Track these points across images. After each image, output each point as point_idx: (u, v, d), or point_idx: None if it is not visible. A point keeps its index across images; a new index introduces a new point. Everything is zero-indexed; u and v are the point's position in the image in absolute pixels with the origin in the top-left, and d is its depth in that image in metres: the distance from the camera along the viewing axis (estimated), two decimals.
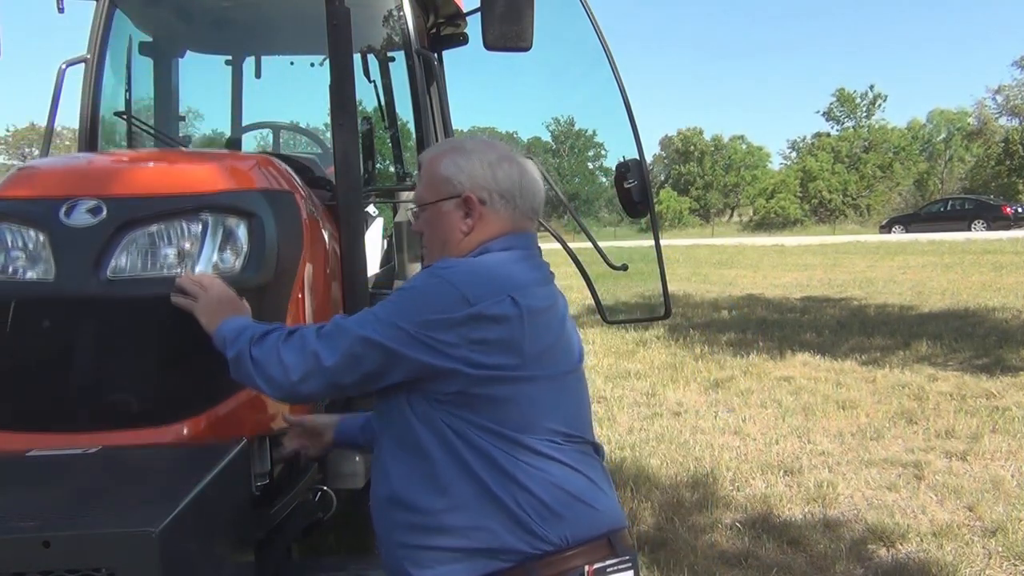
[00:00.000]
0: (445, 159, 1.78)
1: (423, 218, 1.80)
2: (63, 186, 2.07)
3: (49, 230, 1.98)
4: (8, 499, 1.65)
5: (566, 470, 1.63)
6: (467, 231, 1.75)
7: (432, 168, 1.79)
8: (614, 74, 3.71)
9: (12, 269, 2.02)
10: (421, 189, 1.81)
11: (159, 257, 2.03)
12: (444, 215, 1.76)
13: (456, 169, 1.75)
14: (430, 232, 1.80)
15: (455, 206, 1.75)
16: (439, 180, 1.77)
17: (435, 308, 1.58)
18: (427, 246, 1.81)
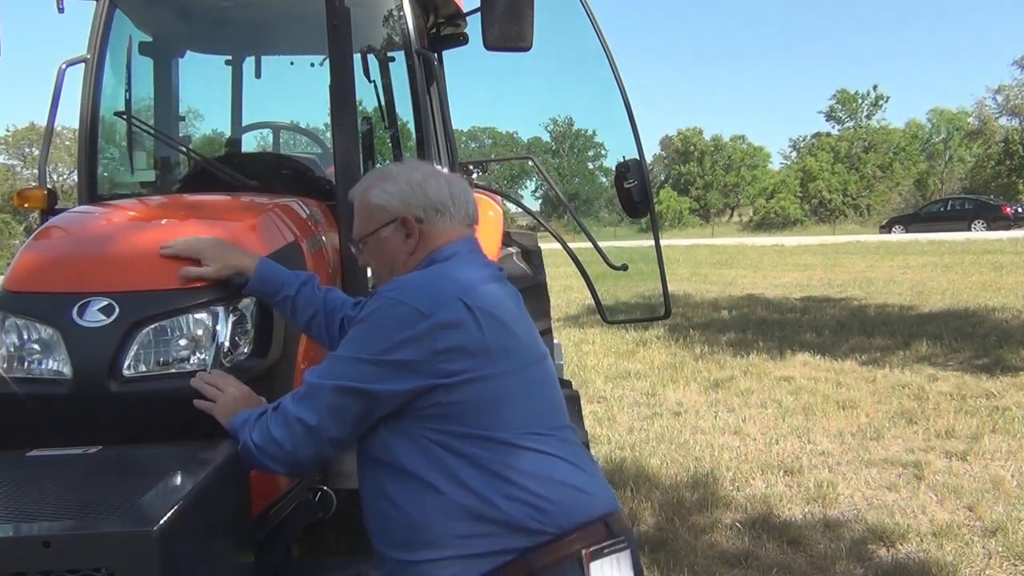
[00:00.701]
0: (374, 189, 1.83)
1: (367, 251, 1.86)
2: (73, 281, 2.08)
3: (62, 329, 2.00)
4: (8, 499, 1.65)
5: (553, 460, 1.65)
6: (410, 251, 1.81)
7: (364, 201, 1.85)
8: (614, 74, 3.72)
9: (28, 365, 2.04)
10: (357, 224, 1.86)
11: (172, 351, 2.05)
12: (385, 242, 1.82)
13: (387, 196, 1.81)
14: (376, 262, 1.85)
15: (393, 230, 1.81)
16: (373, 210, 1.82)
17: (394, 329, 1.60)
18: (376, 276, 1.85)
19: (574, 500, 1.63)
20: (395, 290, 1.66)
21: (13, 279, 2.14)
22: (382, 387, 1.60)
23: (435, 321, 1.58)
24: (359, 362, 1.62)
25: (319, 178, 3.49)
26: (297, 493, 2.40)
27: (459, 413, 1.60)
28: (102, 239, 2.29)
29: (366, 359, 1.61)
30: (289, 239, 2.48)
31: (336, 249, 2.78)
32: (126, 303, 2.02)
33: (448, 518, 1.60)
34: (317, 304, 2.11)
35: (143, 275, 2.10)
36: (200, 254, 2.08)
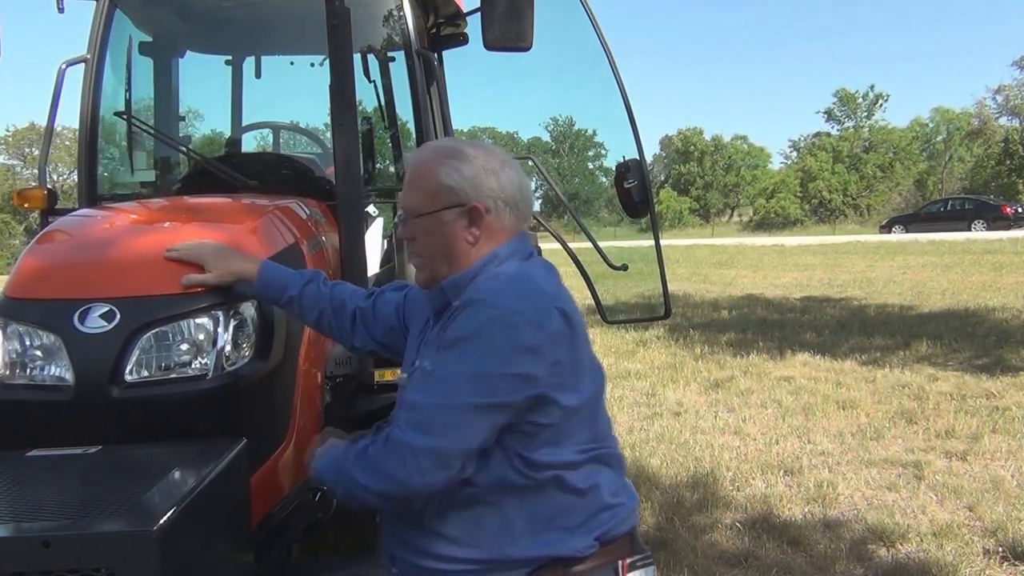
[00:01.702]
0: (444, 166, 1.67)
1: (419, 228, 1.69)
2: (74, 288, 2.08)
3: (63, 335, 2.00)
4: (8, 499, 1.65)
5: (607, 472, 1.66)
6: (473, 241, 1.67)
7: (429, 175, 1.68)
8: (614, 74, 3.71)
9: (30, 371, 2.05)
10: (414, 197, 1.69)
11: (174, 356, 2.06)
12: (445, 225, 1.66)
13: (459, 177, 1.65)
14: (428, 241, 1.68)
15: (457, 215, 1.66)
16: (440, 188, 1.66)
17: (513, 341, 1.51)
18: (423, 254, 1.70)
19: (617, 513, 1.64)
20: (499, 297, 1.56)
21: (14, 285, 2.15)
22: (512, 399, 1.51)
23: (547, 332, 1.52)
24: (484, 377, 1.51)
25: (319, 178, 3.49)
26: (297, 493, 2.40)
27: (543, 431, 1.55)
28: (102, 245, 2.29)
29: (491, 373, 1.51)
30: (290, 241, 2.48)
31: (336, 249, 2.78)
32: (127, 309, 2.03)
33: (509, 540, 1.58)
34: (324, 301, 2.04)
35: (143, 280, 2.10)
36: (202, 260, 2.07)
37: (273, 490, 2.23)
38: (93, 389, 1.98)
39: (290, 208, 2.71)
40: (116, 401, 1.99)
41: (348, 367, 2.72)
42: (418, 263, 1.72)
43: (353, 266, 2.65)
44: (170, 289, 2.09)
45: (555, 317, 1.54)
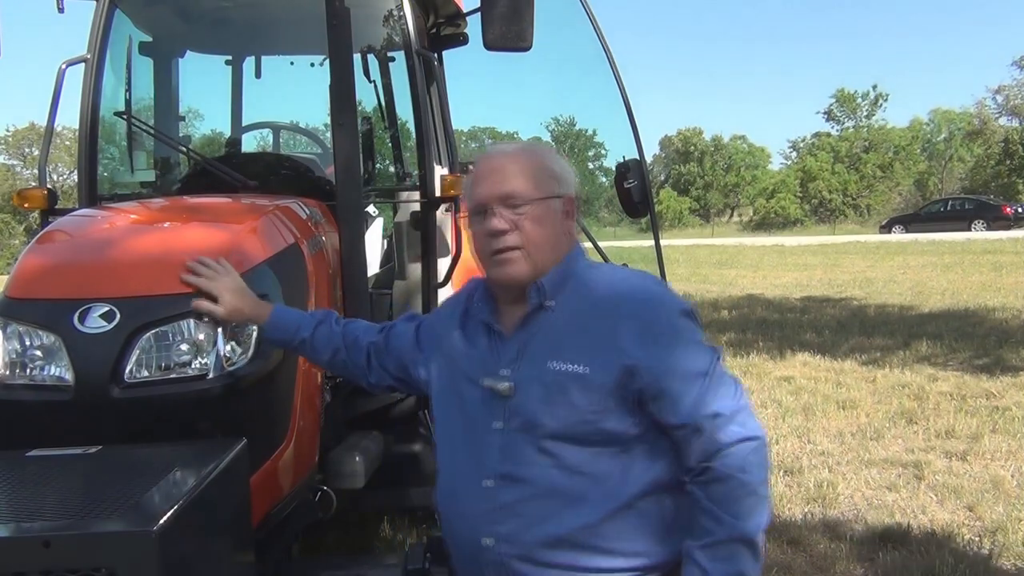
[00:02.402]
0: (552, 157, 1.70)
1: (527, 214, 1.61)
2: (74, 288, 2.09)
3: (63, 335, 2.01)
4: (8, 499, 1.65)
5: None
6: (568, 232, 1.68)
7: (540, 163, 1.66)
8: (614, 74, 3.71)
9: (30, 371, 2.05)
10: (523, 184, 1.62)
11: (174, 356, 2.06)
12: (552, 213, 1.64)
13: (564, 169, 1.68)
14: (536, 229, 1.61)
15: (561, 206, 1.65)
16: (552, 177, 1.65)
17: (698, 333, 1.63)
18: (527, 244, 1.62)
19: None
20: (669, 296, 1.64)
21: (14, 285, 2.15)
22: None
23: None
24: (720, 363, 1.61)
25: (319, 178, 3.49)
26: (297, 493, 2.40)
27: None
28: (102, 245, 2.29)
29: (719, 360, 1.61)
30: (290, 241, 2.48)
31: (336, 249, 2.78)
32: (127, 309, 2.03)
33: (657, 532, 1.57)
34: (337, 340, 1.99)
35: (143, 281, 2.10)
36: (217, 293, 2.03)
37: (273, 490, 2.23)
38: (93, 389, 1.98)
39: (290, 208, 2.71)
40: (116, 401, 1.99)
41: None
42: (517, 255, 1.62)
43: (353, 266, 2.65)
44: (170, 289, 2.09)
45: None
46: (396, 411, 3.10)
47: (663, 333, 1.57)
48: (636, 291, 1.62)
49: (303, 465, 2.42)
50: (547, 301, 1.61)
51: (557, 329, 1.60)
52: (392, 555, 2.90)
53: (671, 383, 1.54)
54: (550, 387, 1.56)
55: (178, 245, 2.31)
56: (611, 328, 1.56)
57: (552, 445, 1.55)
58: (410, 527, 4.19)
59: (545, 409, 1.55)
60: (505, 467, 1.58)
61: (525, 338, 1.63)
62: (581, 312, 1.60)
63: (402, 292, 3.44)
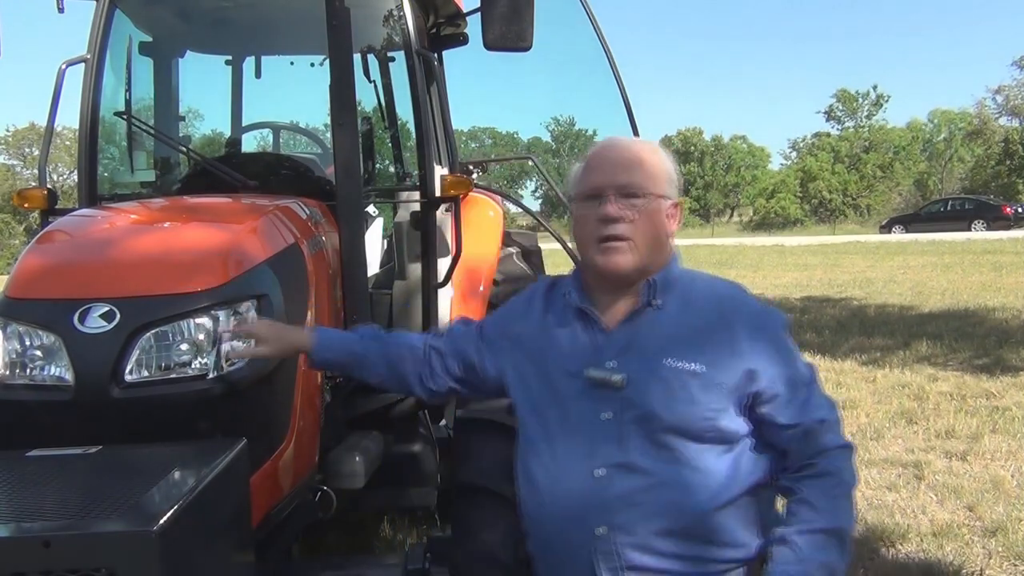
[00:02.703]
0: (667, 157, 1.75)
1: (640, 207, 1.66)
2: (74, 288, 2.08)
3: (63, 335, 2.01)
4: (8, 499, 1.65)
5: None
6: (671, 232, 1.73)
7: (658, 162, 1.72)
8: (614, 74, 3.71)
9: (30, 371, 2.05)
10: (640, 178, 1.68)
11: (174, 356, 2.07)
12: (661, 211, 1.69)
13: (677, 175, 1.75)
14: (645, 224, 1.67)
15: (669, 207, 1.71)
16: (667, 177, 1.72)
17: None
18: (636, 237, 1.66)
19: None
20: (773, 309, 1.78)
21: (14, 285, 2.15)
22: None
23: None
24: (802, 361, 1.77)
25: (319, 178, 3.49)
26: (297, 494, 2.40)
27: None
28: (102, 244, 2.29)
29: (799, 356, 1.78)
30: (290, 241, 2.48)
31: (336, 249, 2.78)
32: (127, 309, 2.03)
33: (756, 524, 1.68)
34: (392, 352, 2.01)
35: (143, 280, 2.10)
36: (257, 336, 2.02)
37: (273, 490, 2.23)
38: (93, 389, 1.98)
39: (290, 208, 2.71)
40: (116, 401, 1.99)
41: None
42: (624, 245, 1.66)
43: (353, 266, 2.64)
44: (170, 289, 2.09)
45: None
46: (396, 411, 3.09)
47: (778, 342, 1.72)
48: (746, 302, 1.75)
49: (303, 465, 2.42)
50: (655, 300, 1.68)
51: (668, 327, 1.67)
52: (392, 555, 2.90)
53: (786, 388, 1.68)
54: (668, 382, 1.62)
55: (178, 245, 2.31)
56: (728, 333, 1.66)
57: (668, 438, 1.61)
58: (410, 527, 4.19)
59: (663, 403, 1.61)
60: (621, 457, 1.62)
61: (632, 333, 1.69)
62: (691, 314, 1.69)
63: (402, 292, 3.44)
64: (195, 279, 2.13)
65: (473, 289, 3.61)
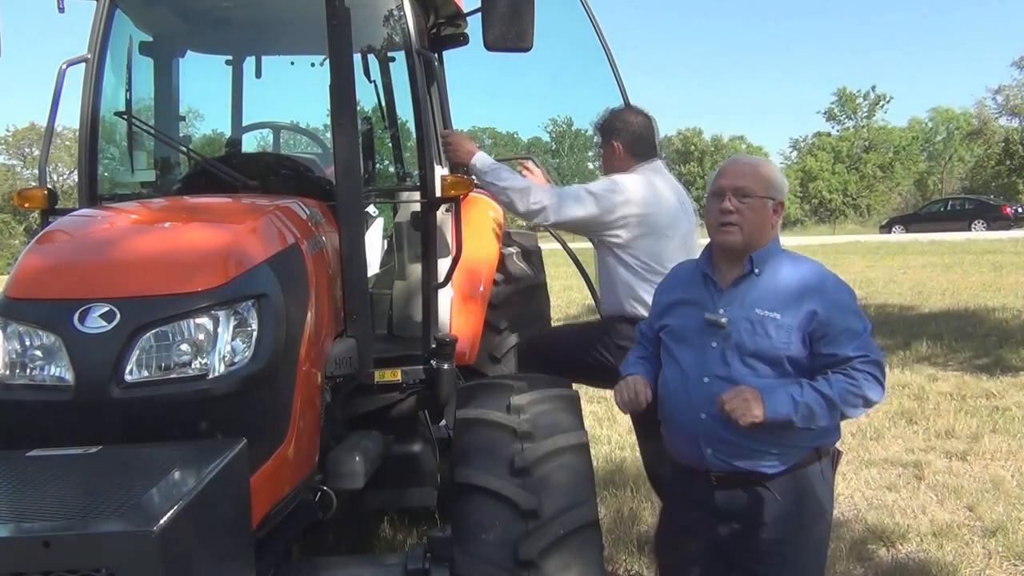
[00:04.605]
0: (775, 171, 2.45)
1: (747, 206, 2.35)
2: (74, 288, 2.09)
3: (63, 335, 2.01)
4: (8, 499, 1.65)
5: None
6: (773, 226, 2.41)
7: (766, 169, 2.42)
8: (614, 74, 3.72)
9: (30, 371, 2.05)
10: (750, 181, 2.37)
11: (174, 356, 2.07)
12: (766, 210, 2.37)
13: (783, 181, 2.43)
14: (751, 219, 2.35)
15: (773, 208, 2.39)
16: (773, 181, 2.39)
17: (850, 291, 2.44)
18: (741, 224, 2.35)
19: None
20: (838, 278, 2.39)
21: (14, 285, 2.15)
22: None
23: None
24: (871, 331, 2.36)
25: (319, 178, 3.49)
26: (297, 494, 2.40)
27: None
28: (102, 244, 2.29)
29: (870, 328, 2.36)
30: (290, 241, 2.48)
31: (336, 249, 2.78)
32: (127, 309, 2.03)
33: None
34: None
35: (143, 280, 2.10)
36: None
37: (273, 490, 2.23)
38: (93, 389, 1.99)
39: (290, 208, 2.71)
40: (116, 401, 1.99)
41: (348, 367, 2.73)
42: (735, 229, 2.37)
43: (353, 266, 2.64)
44: (170, 289, 2.09)
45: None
46: (396, 411, 3.10)
47: (837, 299, 2.33)
48: (818, 271, 2.39)
49: (303, 465, 2.42)
50: (756, 269, 2.37)
51: (761, 288, 2.35)
52: (392, 555, 2.90)
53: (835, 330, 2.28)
54: (754, 324, 2.31)
55: (178, 245, 2.31)
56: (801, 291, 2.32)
57: (751, 361, 2.32)
58: (410, 527, 4.19)
59: (750, 338, 2.31)
60: (720, 370, 2.34)
61: (736, 291, 2.38)
62: (778, 279, 2.36)
63: (402, 292, 3.44)
64: (195, 279, 2.13)
65: (473, 289, 3.61)
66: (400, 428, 3.17)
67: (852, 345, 2.26)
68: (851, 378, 2.24)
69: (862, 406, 2.28)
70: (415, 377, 3.01)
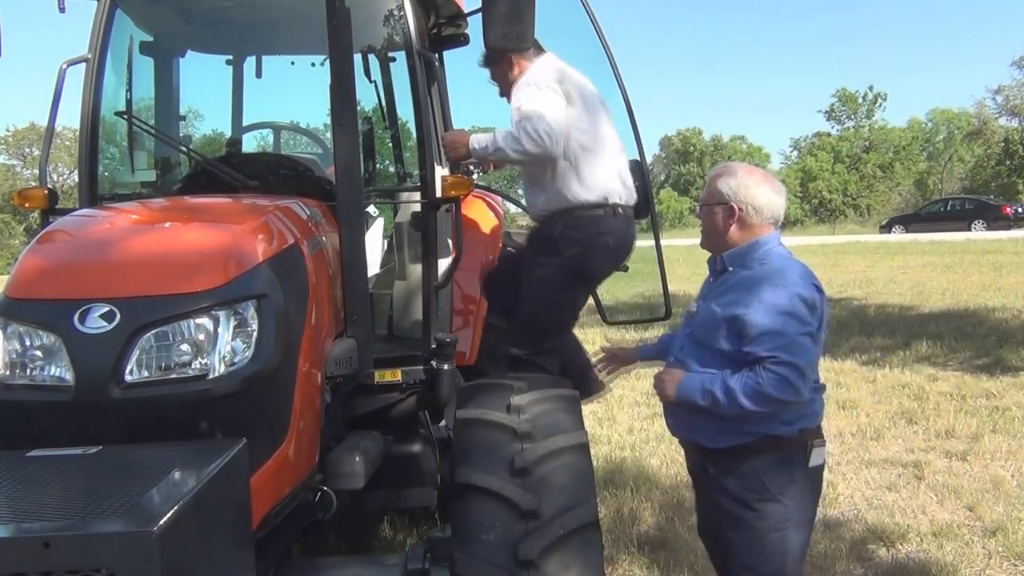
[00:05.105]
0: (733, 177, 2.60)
1: (703, 212, 2.68)
2: (74, 288, 2.09)
3: (64, 335, 2.01)
4: (8, 499, 1.65)
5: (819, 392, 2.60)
6: (728, 230, 2.61)
7: (715, 182, 2.62)
8: (615, 74, 3.71)
9: (30, 371, 2.05)
10: (704, 192, 2.71)
11: (174, 356, 2.07)
12: (712, 215, 2.62)
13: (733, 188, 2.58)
14: (705, 222, 2.68)
15: (722, 212, 2.59)
16: (717, 192, 2.60)
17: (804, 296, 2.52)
18: (702, 229, 2.71)
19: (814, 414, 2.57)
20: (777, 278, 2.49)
21: (14, 286, 2.15)
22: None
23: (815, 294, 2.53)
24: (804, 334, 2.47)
25: (319, 178, 3.49)
26: (297, 494, 2.40)
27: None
28: (102, 245, 2.29)
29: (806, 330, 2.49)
30: (290, 241, 2.48)
31: (336, 250, 2.78)
32: (127, 309, 2.03)
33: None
34: None
35: (143, 281, 2.10)
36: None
37: (273, 490, 2.23)
38: (93, 389, 1.99)
39: (290, 208, 2.71)
40: (116, 401, 1.99)
41: (348, 367, 2.73)
42: (702, 233, 2.71)
43: (353, 266, 2.65)
44: (170, 289, 2.09)
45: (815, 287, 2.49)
46: (396, 411, 3.10)
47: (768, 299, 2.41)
48: (768, 273, 2.49)
49: (303, 465, 2.42)
50: (729, 267, 2.60)
51: (725, 286, 2.57)
52: (392, 555, 2.90)
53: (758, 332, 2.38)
54: (708, 317, 2.55)
55: (178, 245, 2.31)
56: (740, 290, 2.49)
57: (698, 349, 2.57)
58: (410, 527, 4.20)
59: (701, 329, 2.58)
60: (680, 353, 2.67)
61: (714, 286, 2.65)
62: (737, 278, 2.55)
63: (402, 292, 3.44)
64: (195, 279, 2.13)
65: (473, 289, 3.62)
66: (400, 428, 3.17)
67: (767, 346, 2.37)
68: (758, 376, 2.36)
69: (769, 404, 2.37)
70: (415, 377, 3.01)
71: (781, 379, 2.35)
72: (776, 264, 2.53)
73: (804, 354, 2.39)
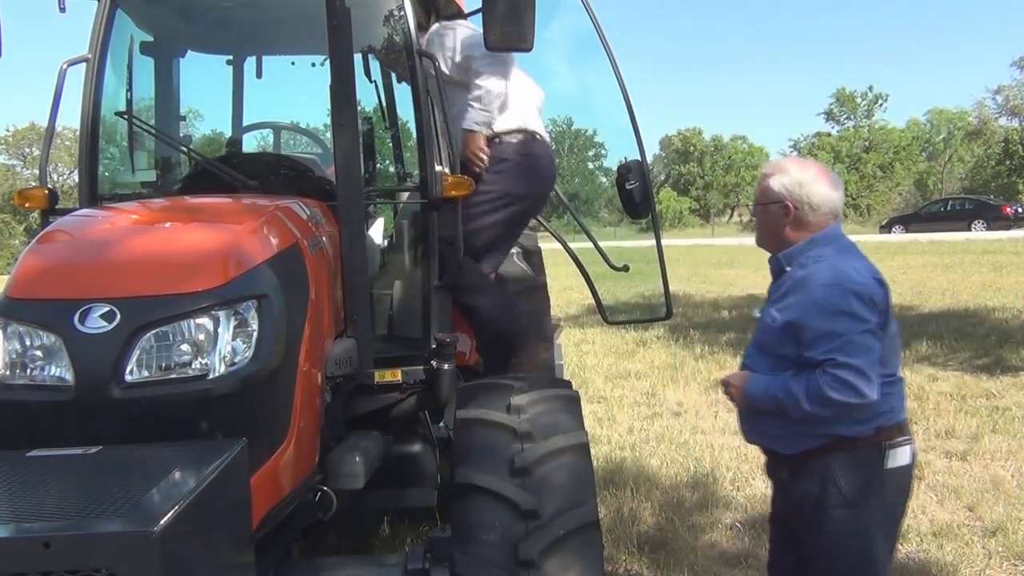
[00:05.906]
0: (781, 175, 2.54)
1: (758, 211, 2.64)
2: (74, 288, 2.09)
3: (64, 335, 2.01)
4: (8, 499, 1.65)
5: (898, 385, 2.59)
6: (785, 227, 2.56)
7: (765, 181, 2.58)
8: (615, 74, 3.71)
9: (30, 371, 2.05)
10: (757, 191, 2.65)
11: (174, 356, 2.07)
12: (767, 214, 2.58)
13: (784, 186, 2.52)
14: (761, 221, 2.63)
15: (777, 211, 2.54)
16: (769, 190, 2.54)
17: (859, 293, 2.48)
18: (758, 228, 2.66)
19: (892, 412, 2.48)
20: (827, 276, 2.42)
21: (15, 286, 2.15)
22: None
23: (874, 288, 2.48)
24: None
25: (319, 178, 3.49)
26: (297, 494, 2.40)
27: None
28: (102, 245, 2.29)
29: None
30: (290, 241, 2.48)
31: (337, 250, 2.78)
32: (127, 309, 2.03)
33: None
34: None
35: (144, 281, 2.10)
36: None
37: (273, 490, 2.23)
38: (93, 389, 1.99)
39: (290, 208, 2.71)
40: (116, 401, 1.99)
41: (348, 367, 2.73)
42: (757, 233, 2.69)
43: (353, 266, 2.65)
44: (170, 289, 2.09)
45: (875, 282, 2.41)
46: (396, 411, 3.10)
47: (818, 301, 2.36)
48: (818, 272, 2.42)
49: (303, 465, 2.42)
50: (786, 267, 2.54)
51: (784, 287, 2.50)
52: (392, 555, 2.90)
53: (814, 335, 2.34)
54: (768, 320, 2.49)
55: (178, 245, 2.31)
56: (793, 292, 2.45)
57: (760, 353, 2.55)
58: (410, 527, 4.20)
59: (762, 333, 2.55)
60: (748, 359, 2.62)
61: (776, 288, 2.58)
62: (793, 279, 2.47)
63: (402, 292, 3.44)
64: (195, 279, 2.13)
65: None
66: (400, 428, 3.17)
67: (823, 348, 2.32)
68: (818, 380, 2.32)
69: (831, 407, 2.32)
70: (415, 377, 3.01)
71: (840, 381, 2.29)
72: (832, 261, 2.44)
73: (864, 354, 2.31)
